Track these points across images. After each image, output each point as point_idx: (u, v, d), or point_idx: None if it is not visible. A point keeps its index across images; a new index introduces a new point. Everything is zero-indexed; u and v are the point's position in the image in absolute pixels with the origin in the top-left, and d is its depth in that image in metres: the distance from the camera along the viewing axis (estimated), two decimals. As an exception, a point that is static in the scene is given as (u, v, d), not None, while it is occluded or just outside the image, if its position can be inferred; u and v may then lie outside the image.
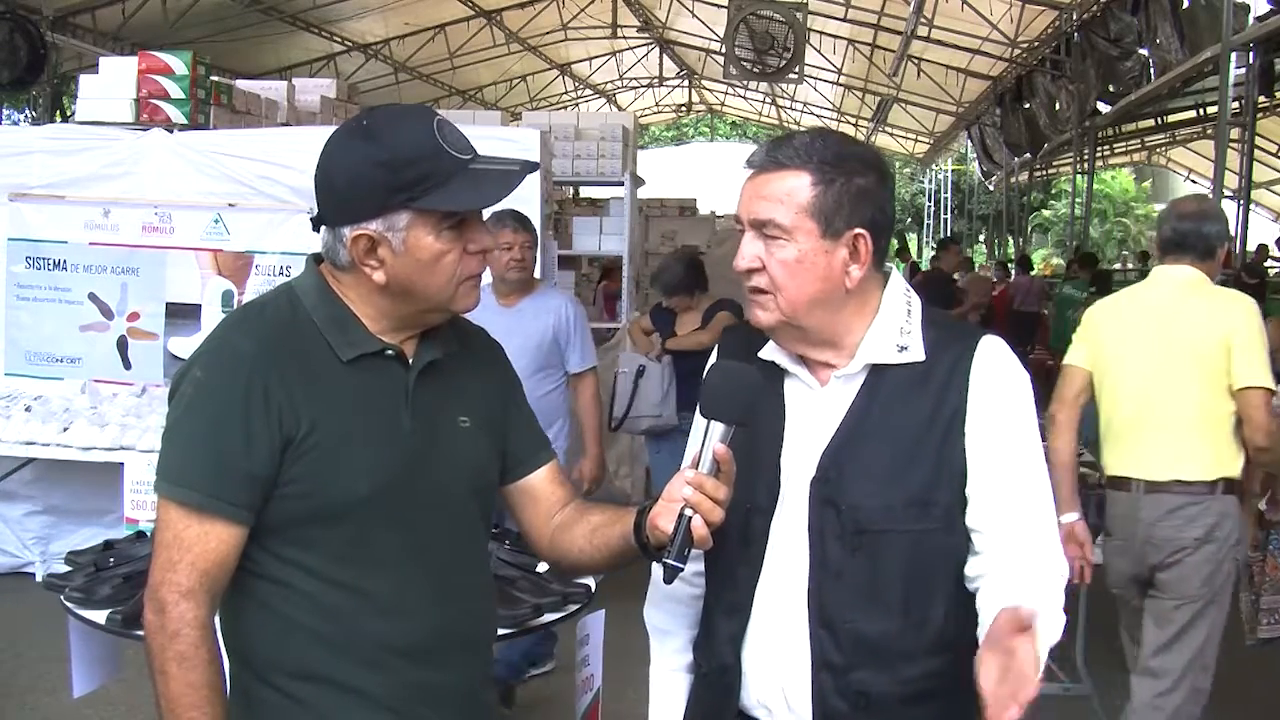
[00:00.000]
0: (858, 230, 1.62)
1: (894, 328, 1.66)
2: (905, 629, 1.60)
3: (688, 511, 1.50)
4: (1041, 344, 12.59)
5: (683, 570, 1.50)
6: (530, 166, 1.73)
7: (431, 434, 1.67)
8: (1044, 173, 21.02)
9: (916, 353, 1.64)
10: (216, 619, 1.61)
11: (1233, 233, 9.14)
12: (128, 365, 5.93)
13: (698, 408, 1.64)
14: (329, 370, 1.62)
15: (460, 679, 1.70)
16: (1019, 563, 1.56)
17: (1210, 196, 9.25)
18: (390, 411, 1.64)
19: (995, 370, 1.64)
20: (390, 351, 1.65)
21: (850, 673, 1.59)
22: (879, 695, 1.59)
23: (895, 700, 1.60)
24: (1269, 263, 15.23)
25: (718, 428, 1.54)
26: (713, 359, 1.81)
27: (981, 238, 30.22)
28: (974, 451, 1.61)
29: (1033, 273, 16.82)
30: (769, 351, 1.72)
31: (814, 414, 1.67)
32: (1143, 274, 11.73)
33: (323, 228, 1.65)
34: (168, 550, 1.57)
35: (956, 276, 11.20)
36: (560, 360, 4.35)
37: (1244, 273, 9.16)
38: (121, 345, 5.95)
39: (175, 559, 1.56)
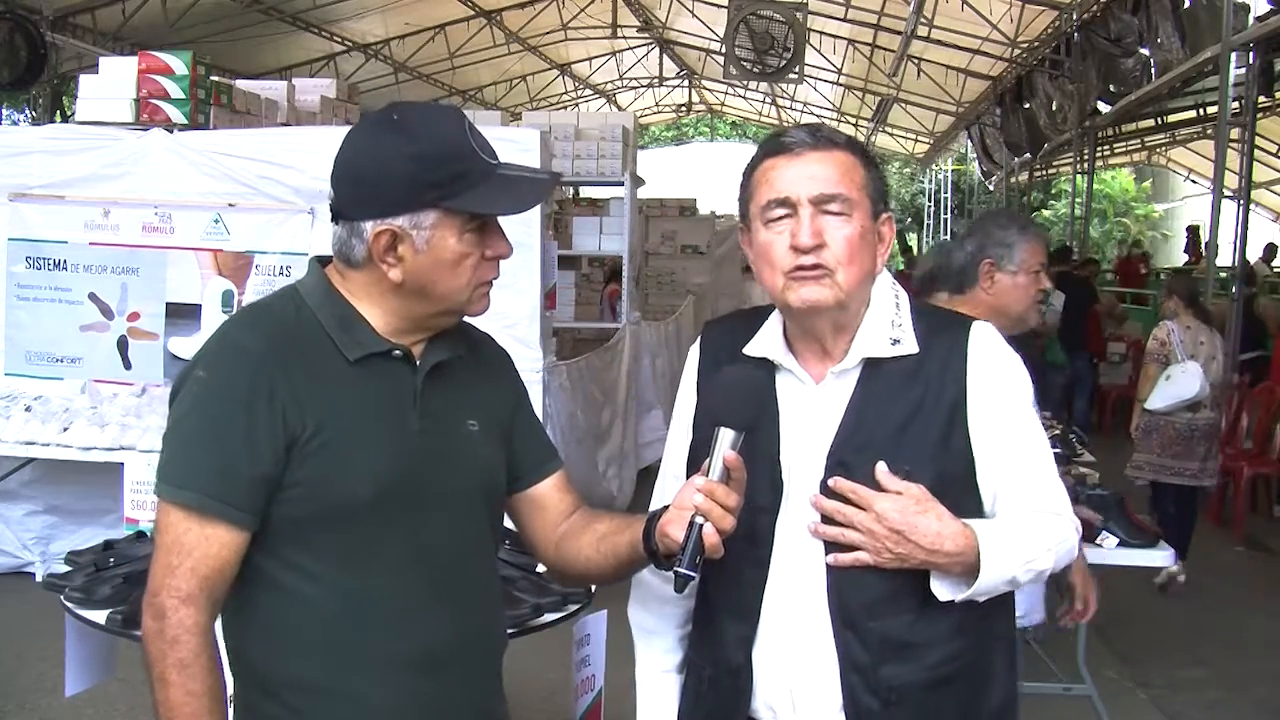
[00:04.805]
0: (887, 214, 1.67)
1: (885, 320, 1.67)
2: (924, 619, 1.61)
3: (699, 519, 1.49)
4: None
5: (695, 579, 1.49)
6: (556, 178, 1.74)
7: (439, 435, 1.64)
8: (1044, 173, 20.96)
9: (909, 345, 1.66)
10: (218, 628, 1.57)
11: (1233, 233, 9.18)
12: (128, 365, 5.92)
13: (700, 413, 1.65)
14: (335, 370, 1.59)
15: (468, 692, 1.67)
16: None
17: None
18: (397, 412, 1.61)
19: (991, 356, 1.67)
20: (397, 352, 1.62)
21: (879, 670, 1.61)
22: (904, 686, 1.61)
23: (919, 688, 1.61)
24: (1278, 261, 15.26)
25: (726, 434, 1.53)
26: (696, 358, 1.80)
27: (981, 238, 30.09)
28: (980, 438, 1.63)
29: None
30: (760, 347, 1.71)
31: (811, 411, 1.67)
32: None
33: (337, 223, 1.61)
34: (167, 554, 1.53)
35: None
36: None
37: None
38: (122, 345, 5.94)
39: (175, 563, 1.52)
